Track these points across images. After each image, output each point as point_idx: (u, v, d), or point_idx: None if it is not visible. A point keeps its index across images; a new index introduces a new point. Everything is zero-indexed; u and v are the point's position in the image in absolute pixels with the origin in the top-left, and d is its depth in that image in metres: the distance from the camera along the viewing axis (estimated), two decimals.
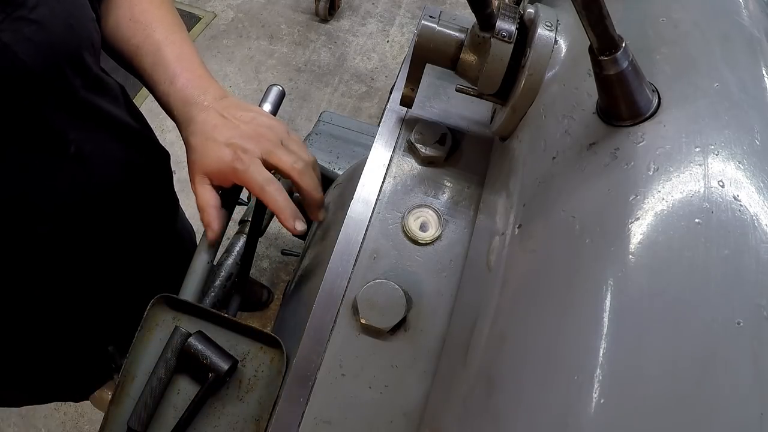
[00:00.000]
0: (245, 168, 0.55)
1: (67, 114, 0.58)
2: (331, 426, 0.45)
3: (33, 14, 0.49)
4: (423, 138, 0.56)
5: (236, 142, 0.56)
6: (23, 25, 0.49)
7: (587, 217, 0.33)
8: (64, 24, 0.53)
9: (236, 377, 0.52)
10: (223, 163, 0.56)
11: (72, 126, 0.59)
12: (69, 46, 0.54)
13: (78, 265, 0.68)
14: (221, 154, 0.56)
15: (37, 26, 0.49)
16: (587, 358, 0.27)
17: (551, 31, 0.44)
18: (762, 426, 0.23)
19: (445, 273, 0.50)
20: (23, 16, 0.48)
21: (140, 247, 0.79)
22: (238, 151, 0.55)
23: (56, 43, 0.52)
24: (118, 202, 0.70)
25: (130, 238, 0.76)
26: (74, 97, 0.58)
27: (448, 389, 0.42)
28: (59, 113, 0.56)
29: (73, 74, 0.56)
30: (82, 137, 0.61)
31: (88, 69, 0.59)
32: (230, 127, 0.57)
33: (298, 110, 2.17)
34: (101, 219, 0.68)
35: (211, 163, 0.56)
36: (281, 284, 1.80)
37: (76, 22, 0.55)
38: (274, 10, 2.51)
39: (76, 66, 0.56)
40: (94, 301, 0.74)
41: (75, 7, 0.55)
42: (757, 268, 0.26)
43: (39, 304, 0.68)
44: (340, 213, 0.58)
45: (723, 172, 0.30)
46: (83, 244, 0.67)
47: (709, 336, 0.25)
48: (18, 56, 0.48)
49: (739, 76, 0.34)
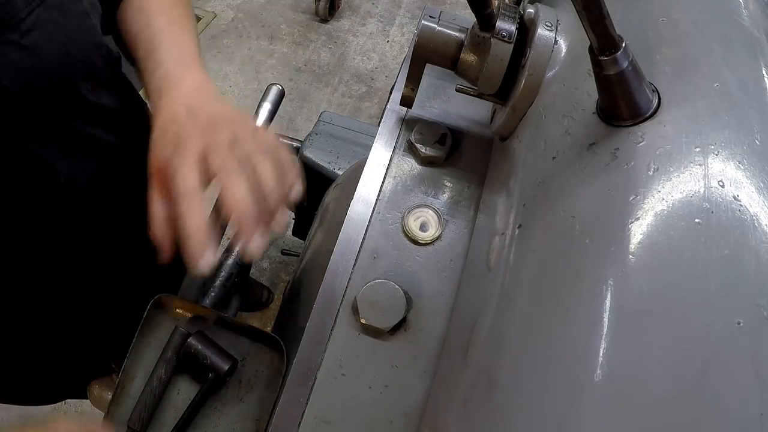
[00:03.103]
0: (174, 170, 0.44)
1: (55, 145, 0.55)
2: (331, 426, 0.45)
3: (25, 39, 0.46)
4: (423, 138, 0.56)
5: (181, 133, 0.46)
6: (11, 50, 0.46)
7: (587, 217, 0.33)
8: (59, 51, 0.50)
9: (236, 377, 0.52)
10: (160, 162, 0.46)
11: (62, 156, 0.56)
12: (62, 74, 0.52)
13: (78, 271, 0.68)
14: (163, 152, 0.46)
15: (27, 52, 0.47)
16: (587, 358, 0.27)
17: (551, 31, 0.44)
18: (762, 426, 0.23)
19: (445, 273, 0.50)
20: (13, 39, 0.46)
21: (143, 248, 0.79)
22: (178, 146, 0.45)
23: (46, 71, 0.49)
24: (120, 224, 0.69)
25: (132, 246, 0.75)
26: (64, 128, 0.55)
27: (448, 389, 0.42)
28: (46, 145, 0.54)
29: (64, 104, 0.53)
30: (74, 168, 0.58)
31: (81, 98, 0.56)
32: (187, 119, 0.48)
33: (298, 110, 2.17)
34: (100, 237, 0.67)
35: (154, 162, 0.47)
36: (281, 284, 1.80)
37: (75, 50, 0.52)
38: (274, 10, 2.51)
39: (67, 95, 0.54)
40: (95, 301, 0.74)
41: (76, 33, 0.52)
42: (757, 268, 0.26)
43: (39, 306, 0.68)
44: (340, 213, 0.58)
45: (723, 172, 0.30)
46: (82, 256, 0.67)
47: (709, 336, 0.25)
48: (1, 83, 0.46)
49: (739, 76, 0.34)
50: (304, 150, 1.03)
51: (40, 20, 0.47)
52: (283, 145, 0.49)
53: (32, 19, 0.47)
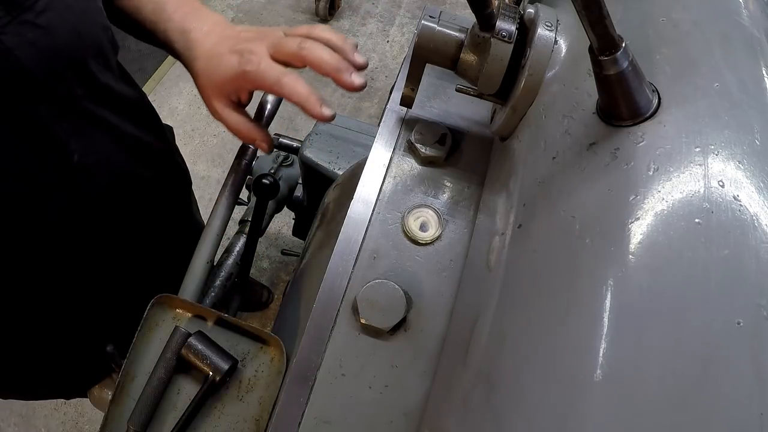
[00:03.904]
0: (255, 68, 0.52)
1: (69, 123, 0.57)
2: (331, 426, 0.45)
3: (39, 19, 0.49)
4: (423, 138, 0.56)
5: (241, 46, 0.53)
6: (27, 30, 0.48)
7: (587, 217, 0.33)
8: (71, 31, 0.52)
9: (236, 377, 0.52)
10: (232, 70, 0.53)
11: (74, 135, 0.58)
12: (74, 53, 0.54)
13: (80, 267, 0.68)
14: (228, 63, 0.53)
15: (42, 31, 0.49)
16: (587, 358, 0.27)
17: (551, 31, 0.44)
18: (762, 426, 0.23)
19: (445, 273, 0.50)
20: (29, 20, 0.48)
21: (146, 250, 0.79)
22: (245, 54, 0.52)
23: (60, 50, 0.52)
24: (126, 212, 0.70)
25: (135, 242, 0.75)
26: (76, 106, 0.57)
27: (448, 389, 0.42)
28: (61, 122, 0.56)
29: (76, 83, 0.56)
30: (86, 147, 0.60)
31: (93, 78, 0.58)
32: (231, 37, 0.55)
33: (298, 110, 2.16)
34: (107, 225, 0.68)
35: (221, 75, 0.54)
36: (281, 284, 1.80)
37: (85, 30, 0.54)
38: (274, 10, 2.51)
39: (79, 74, 0.56)
40: (97, 300, 0.74)
41: (86, 14, 0.55)
42: (757, 268, 0.26)
43: (41, 303, 0.68)
44: (340, 213, 0.58)
45: (723, 172, 0.30)
46: (86, 248, 0.67)
47: (709, 336, 0.25)
48: (20, 61, 0.48)
49: (739, 76, 0.34)
50: (304, 150, 1.03)
51: (52, 1, 0.50)
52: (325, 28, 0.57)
53: (45, 0, 0.49)
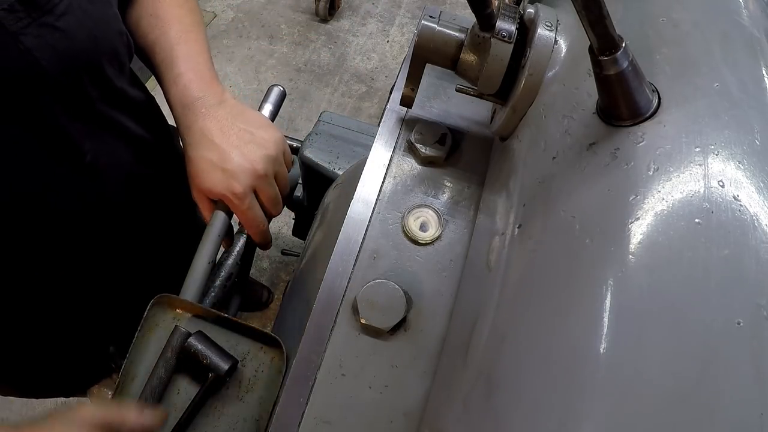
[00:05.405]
0: (246, 208, 0.61)
1: (83, 124, 0.58)
2: (331, 426, 0.45)
3: (59, 22, 0.50)
4: (423, 138, 0.56)
5: (229, 169, 0.59)
6: (47, 32, 0.49)
7: (587, 217, 0.33)
8: (89, 35, 0.53)
9: (236, 377, 0.52)
10: (216, 189, 0.60)
11: (88, 136, 0.59)
12: (90, 57, 0.55)
13: (86, 266, 0.69)
14: (215, 179, 0.59)
15: (61, 34, 0.50)
16: (587, 358, 0.27)
17: (551, 31, 0.44)
18: (762, 426, 0.23)
19: (445, 273, 0.50)
20: (49, 22, 0.49)
21: (150, 249, 0.79)
22: (232, 183, 0.59)
23: (77, 54, 0.53)
24: (133, 213, 0.71)
25: (140, 242, 0.76)
26: (91, 108, 0.59)
27: (448, 389, 0.42)
28: (75, 123, 0.57)
29: (92, 85, 0.57)
30: (98, 149, 0.61)
31: (108, 81, 0.59)
32: (226, 145, 0.60)
33: (298, 110, 2.17)
34: (112, 225, 0.69)
35: (206, 184, 0.60)
36: (281, 284, 1.80)
37: (102, 35, 0.56)
38: (274, 10, 2.51)
39: (95, 77, 0.57)
40: (100, 299, 0.74)
41: (102, 20, 0.56)
42: (757, 268, 0.26)
43: (45, 300, 0.68)
44: (340, 213, 0.58)
45: (723, 172, 0.30)
46: (92, 247, 0.68)
47: (709, 336, 0.25)
48: (38, 62, 0.49)
49: (739, 76, 0.34)
50: (304, 150, 1.03)
51: (71, 6, 0.51)
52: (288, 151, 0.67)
53: (65, 4, 0.50)
